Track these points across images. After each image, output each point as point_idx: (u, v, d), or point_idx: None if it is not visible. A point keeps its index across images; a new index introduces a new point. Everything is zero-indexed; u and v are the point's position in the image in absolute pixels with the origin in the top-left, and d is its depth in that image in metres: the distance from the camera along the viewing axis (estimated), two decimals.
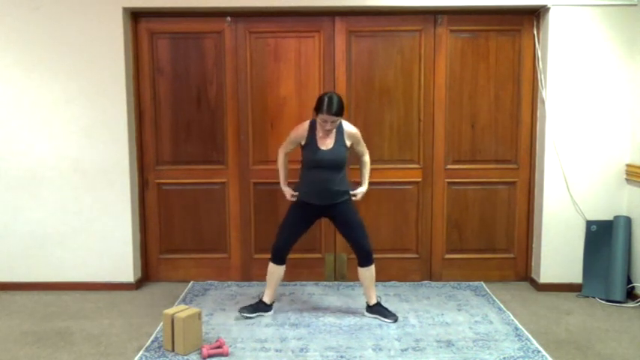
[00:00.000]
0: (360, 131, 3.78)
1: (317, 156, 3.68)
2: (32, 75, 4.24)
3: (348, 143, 3.74)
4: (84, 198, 4.35)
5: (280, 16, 4.34)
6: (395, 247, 4.55)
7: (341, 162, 3.71)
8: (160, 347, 3.40)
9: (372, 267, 3.80)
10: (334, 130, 3.68)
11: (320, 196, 3.71)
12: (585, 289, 4.30)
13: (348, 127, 3.75)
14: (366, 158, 3.89)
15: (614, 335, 3.60)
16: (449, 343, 3.45)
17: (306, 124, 3.74)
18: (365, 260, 3.77)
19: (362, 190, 3.84)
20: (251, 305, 3.88)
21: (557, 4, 4.16)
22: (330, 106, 3.54)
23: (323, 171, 3.67)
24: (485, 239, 4.58)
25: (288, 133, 4.40)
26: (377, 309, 3.84)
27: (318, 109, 3.59)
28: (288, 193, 3.83)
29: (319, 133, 3.68)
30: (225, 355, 3.28)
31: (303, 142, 3.73)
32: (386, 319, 3.78)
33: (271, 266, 3.83)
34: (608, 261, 4.25)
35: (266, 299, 3.87)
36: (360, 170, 3.91)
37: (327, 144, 3.68)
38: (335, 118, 3.57)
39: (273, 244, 3.83)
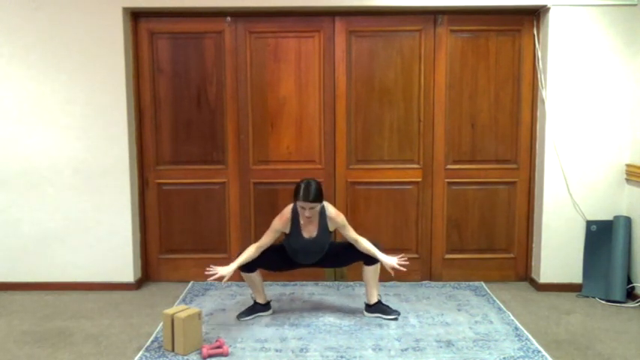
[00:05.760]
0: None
1: (300, 245, 3.68)
2: (32, 75, 4.24)
3: (331, 228, 3.72)
4: (84, 198, 4.35)
5: (280, 16, 4.34)
6: (395, 247, 4.53)
7: (323, 249, 3.73)
8: (160, 347, 3.40)
9: (378, 265, 3.74)
10: (317, 216, 3.64)
11: (305, 258, 3.77)
12: (585, 289, 4.30)
13: (330, 211, 3.69)
14: (362, 241, 3.69)
15: (614, 335, 3.60)
16: (449, 343, 3.45)
17: (289, 212, 3.66)
18: (371, 259, 3.73)
19: (385, 261, 3.65)
20: (247, 309, 3.87)
21: (557, 4, 4.16)
22: (306, 193, 3.50)
23: (305, 255, 3.73)
24: (485, 239, 4.58)
25: (288, 132, 4.45)
26: (378, 307, 3.83)
27: (295, 195, 3.55)
28: (225, 274, 3.55)
29: (302, 220, 3.64)
30: (225, 355, 3.28)
31: (287, 231, 3.69)
32: (388, 316, 3.78)
33: (243, 274, 3.78)
34: (608, 261, 4.25)
35: (259, 300, 3.87)
36: (368, 252, 3.69)
37: (310, 231, 3.66)
38: (312, 204, 3.52)
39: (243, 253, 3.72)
